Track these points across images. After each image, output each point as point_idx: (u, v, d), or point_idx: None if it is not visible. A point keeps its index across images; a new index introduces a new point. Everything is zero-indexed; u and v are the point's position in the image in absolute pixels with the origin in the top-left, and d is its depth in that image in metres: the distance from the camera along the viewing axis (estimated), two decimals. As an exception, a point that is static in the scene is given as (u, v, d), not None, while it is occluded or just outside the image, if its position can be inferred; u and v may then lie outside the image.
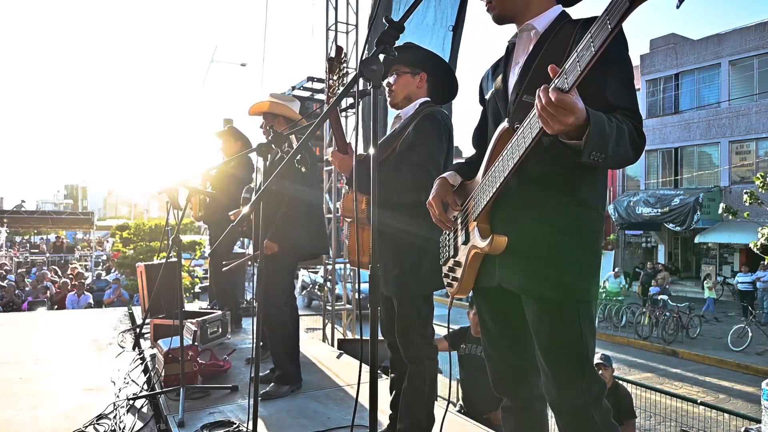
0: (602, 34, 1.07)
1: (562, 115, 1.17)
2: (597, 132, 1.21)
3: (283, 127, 3.40)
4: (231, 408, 2.96)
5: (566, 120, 1.18)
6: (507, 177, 1.42)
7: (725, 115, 18.73)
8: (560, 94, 1.15)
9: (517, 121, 1.42)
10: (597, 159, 1.24)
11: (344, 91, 1.57)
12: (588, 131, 1.21)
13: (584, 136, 1.21)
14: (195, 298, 15.53)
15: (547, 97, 1.16)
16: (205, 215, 4.83)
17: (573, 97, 1.16)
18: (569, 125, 1.19)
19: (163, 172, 68.79)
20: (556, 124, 1.19)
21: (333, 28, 7.51)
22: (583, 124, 1.21)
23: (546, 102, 1.17)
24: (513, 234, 1.47)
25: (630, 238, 22.18)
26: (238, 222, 1.73)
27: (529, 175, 1.44)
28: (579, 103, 1.18)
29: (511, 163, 1.39)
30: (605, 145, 1.24)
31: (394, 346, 2.48)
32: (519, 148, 1.36)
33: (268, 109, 3.49)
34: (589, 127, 1.20)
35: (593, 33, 1.10)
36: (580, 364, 1.45)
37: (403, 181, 2.22)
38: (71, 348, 4.50)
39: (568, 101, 1.16)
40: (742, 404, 8.47)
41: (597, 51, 1.09)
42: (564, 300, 1.44)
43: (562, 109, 1.16)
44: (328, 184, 7.77)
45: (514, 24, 1.62)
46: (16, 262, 22.74)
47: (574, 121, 1.18)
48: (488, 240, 1.48)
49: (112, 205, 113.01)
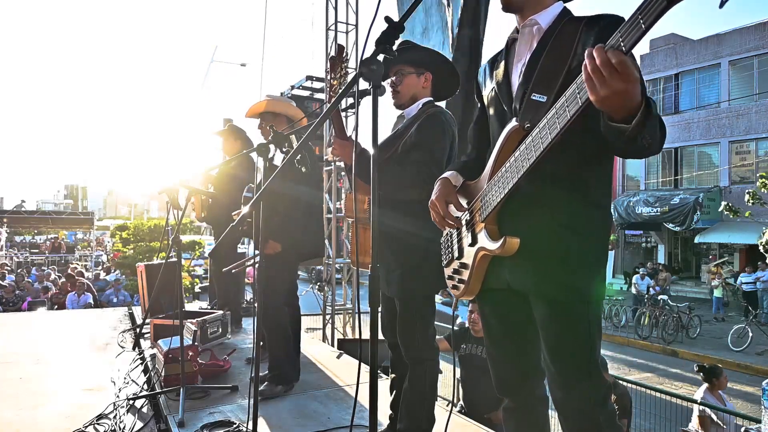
0: (634, 34, 1.04)
1: (616, 80, 1.08)
2: (654, 113, 1.15)
3: (284, 127, 3.40)
4: (231, 408, 2.96)
5: (618, 86, 1.08)
6: (521, 178, 1.39)
7: (725, 115, 18.73)
8: (621, 55, 1.07)
9: (528, 120, 1.40)
10: (646, 143, 1.18)
11: (344, 91, 1.57)
12: (647, 110, 1.14)
13: (639, 115, 1.13)
14: (195, 298, 15.53)
15: (604, 56, 1.08)
16: (207, 216, 4.83)
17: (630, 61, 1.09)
18: (622, 92, 1.09)
19: (163, 172, 68.74)
20: (604, 89, 1.10)
21: (333, 27, 7.51)
22: (632, 102, 1.13)
23: (602, 61, 1.09)
24: (523, 234, 1.45)
25: (630, 238, 22.18)
26: (238, 222, 1.73)
27: (539, 174, 1.39)
28: (636, 71, 1.10)
29: (527, 163, 1.36)
30: (655, 129, 1.18)
31: (394, 345, 2.47)
32: (536, 148, 1.33)
33: (268, 108, 3.45)
34: (651, 104, 1.14)
35: (623, 32, 1.07)
36: (586, 364, 1.45)
37: (406, 177, 2.22)
38: (71, 348, 4.50)
39: (628, 63, 1.07)
40: (742, 404, 8.47)
41: (628, 50, 1.06)
42: (574, 300, 1.43)
43: (617, 73, 1.07)
44: (328, 184, 7.76)
45: (516, 17, 1.58)
46: (16, 262, 22.74)
47: (626, 90, 1.10)
48: (500, 242, 1.45)
49: (112, 205, 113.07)
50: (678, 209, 18.02)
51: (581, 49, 1.39)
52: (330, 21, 7.56)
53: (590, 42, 1.39)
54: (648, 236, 21.55)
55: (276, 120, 3.43)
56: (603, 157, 1.49)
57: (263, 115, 3.45)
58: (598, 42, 1.36)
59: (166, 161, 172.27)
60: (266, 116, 3.44)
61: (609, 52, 1.08)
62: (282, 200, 3.11)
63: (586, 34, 1.41)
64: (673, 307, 13.24)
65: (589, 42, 1.39)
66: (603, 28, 1.38)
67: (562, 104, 1.25)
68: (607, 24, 1.39)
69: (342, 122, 2.33)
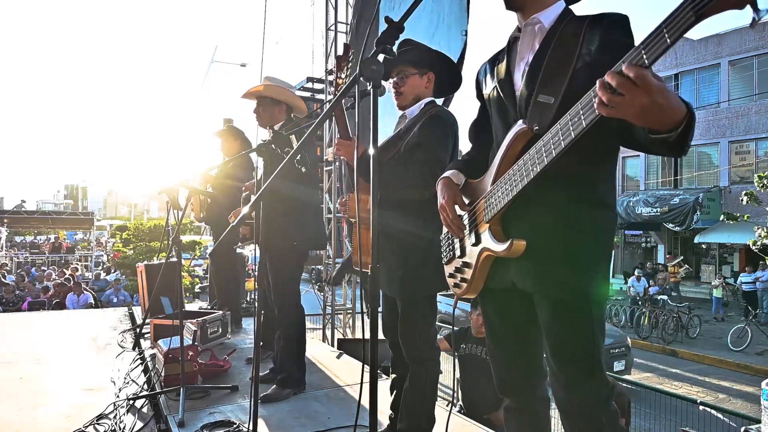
0: (658, 48, 1.00)
1: (639, 95, 1.04)
2: (694, 117, 1.13)
3: (283, 117, 3.32)
4: (231, 408, 2.96)
5: (642, 100, 1.05)
6: (531, 182, 1.37)
7: (725, 115, 18.73)
8: (638, 69, 1.03)
9: (535, 122, 1.39)
10: (687, 147, 1.15)
11: (344, 91, 1.57)
12: (692, 117, 1.11)
13: (686, 124, 1.11)
14: (195, 298, 15.54)
15: (618, 78, 1.05)
16: (206, 216, 4.84)
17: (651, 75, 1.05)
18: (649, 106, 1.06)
19: (163, 172, 68.71)
20: (630, 107, 1.06)
21: (333, 28, 7.51)
22: (672, 113, 1.09)
23: (618, 83, 1.05)
24: (528, 234, 1.44)
25: (630, 238, 22.18)
26: (238, 222, 1.73)
27: (546, 175, 1.37)
28: (657, 81, 1.05)
29: (538, 167, 1.34)
30: (693, 130, 1.14)
31: (395, 345, 2.47)
32: (548, 153, 1.31)
33: (269, 93, 3.29)
34: (692, 112, 1.11)
35: (647, 45, 1.02)
36: (590, 365, 1.44)
37: (408, 177, 2.21)
38: (71, 348, 4.50)
39: (647, 76, 1.04)
40: (742, 404, 8.47)
41: (650, 65, 1.03)
42: (577, 300, 1.43)
43: (637, 88, 1.04)
44: (327, 184, 7.76)
45: (517, 15, 1.57)
46: (16, 262, 22.75)
47: (653, 102, 1.06)
48: (507, 245, 1.44)
49: (112, 205, 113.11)
50: (678, 209, 18.02)
51: (586, 49, 1.39)
52: (330, 21, 7.56)
53: (595, 41, 1.38)
54: (648, 236, 21.55)
55: (276, 108, 3.32)
56: (608, 156, 1.48)
57: (262, 100, 3.31)
58: (602, 41, 1.36)
59: (166, 161, 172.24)
60: (265, 101, 3.31)
61: (626, 67, 1.05)
62: (280, 199, 3.10)
63: (590, 34, 1.40)
64: (673, 307, 13.24)
65: (594, 41, 1.38)
66: (607, 28, 1.38)
67: (577, 112, 1.22)
68: (611, 23, 1.39)
69: (346, 122, 2.33)
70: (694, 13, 0.93)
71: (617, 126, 1.27)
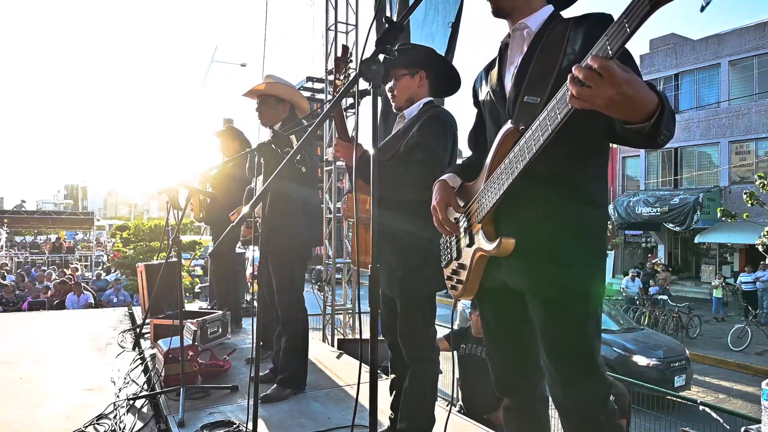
0: (620, 38, 1.04)
1: (604, 86, 1.07)
2: (669, 107, 1.14)
3: (286, 115, 3.29)
4: (231, 408, 2.96)
5: (608, 92, 1.07)
6: (515, 179, 1.39)
7: (725, 115, 18.74)
8: (602, 60, 1.06)
9: (522, 122, 1.40)
10: (665, 139, 1.17)
11: (344, 91, 1.57)
12: (664, 107, 1.13)
13: (659, 114, 1.12)
14: (195, 298, 15.53)
15: (585, 71, 1.08)
16: (206, 216, 4.84)
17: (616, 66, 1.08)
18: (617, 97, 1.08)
19: (163, 172, 68.74)
20: (598, 100, 1.09)
21: (333, 28, 7.51)
22: (641, 104, 1.11)
23: (585, 75, 1.08)
24: (518, 233, 1.45)
25: (630, 238, 22.18)
26: (238, 222, 1.73)
27: (534, 174, 1.39)
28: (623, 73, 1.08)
29: (521, 165, 1.36)
30: (671, 122, 1.16)
31: (395, 345, 2.47)
32: (528, 150, 1.33)
33: (272, 91, 3.24)
34: (664, 102, 1.13)
35: (609, 36, 1.06)
36: (585, 364, 1.45)
37: (407, 177, 2.21)
38: (71, 348, 4.50)
39: (611, 66, 1.06)
40: (742, 404, 8.47)
41: (614, 55, 1.06)
42: (569, 299, 1.43)
43: (602, 79, 1.06)
44: (328, 184, 7.76)
45: (506, 22, 1.60)
46: (16, 262, 22.75)
47: (621, 93, 1.08)
48: (496, 243, 1.46)
49: (112, 205, 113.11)
50: (678, 209, 18.03)
51: (570, 48, 1.41)
52: (330, 21, 7.56)
53: (579, 40, 1.40)
54: (648, 236, 21.56)
55: (280, 107, 3.27)
56: (597, 155, 1.50)
57: (266, 98, 3.27)
58: (586, 40, 1.38)
59: (166, 161, 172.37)
60: (269, 99, 3.26)
61: (591, 59, 1.08)
62: (280, 199, 3.09)
63: (575, 33, 1.42)
64: (673, 307, 13.24)
65: (577, 40, 1.41)
66: (590, 26, 1.40)
67: (554, 107, 1.25)
68: (594, 22, 1.41)
69: (344, 123, 2.33)
70: (649, 2, 0.97)
71: (603, 121, 1.28)
